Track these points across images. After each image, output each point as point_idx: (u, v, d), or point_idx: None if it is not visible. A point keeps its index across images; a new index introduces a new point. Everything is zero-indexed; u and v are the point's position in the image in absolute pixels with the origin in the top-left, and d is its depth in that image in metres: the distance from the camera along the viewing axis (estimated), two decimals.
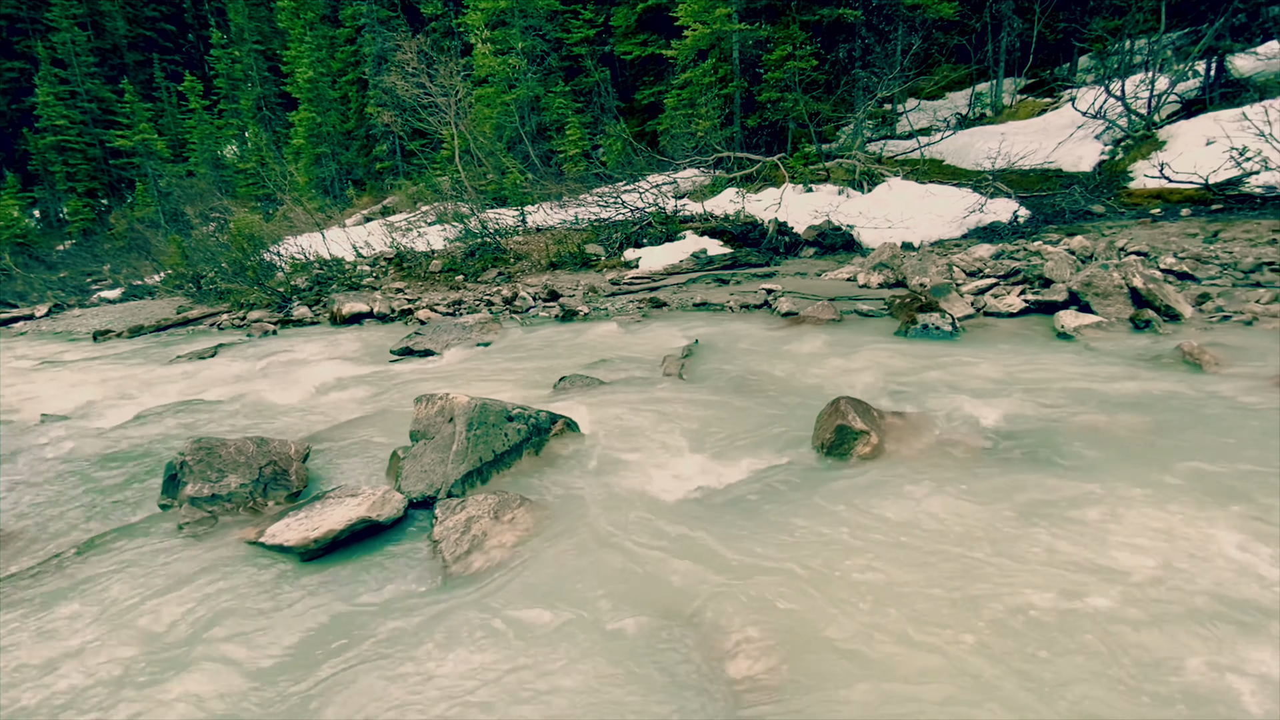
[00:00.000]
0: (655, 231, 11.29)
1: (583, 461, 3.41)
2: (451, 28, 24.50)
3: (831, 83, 14.42)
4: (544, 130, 19.79)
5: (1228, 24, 11.45)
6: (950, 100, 17.55)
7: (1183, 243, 7.42)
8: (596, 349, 6.36)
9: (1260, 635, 1.96)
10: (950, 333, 5.80)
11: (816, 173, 12.30)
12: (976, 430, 3.55)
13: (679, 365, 5.41)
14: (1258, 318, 5.19)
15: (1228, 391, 3.85)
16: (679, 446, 3.68)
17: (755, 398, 4.61)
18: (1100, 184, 10.54)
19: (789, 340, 6.09)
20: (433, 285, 11.09)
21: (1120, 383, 4.13)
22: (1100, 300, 5.68)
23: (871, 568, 2.38)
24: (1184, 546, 2.33)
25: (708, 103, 13.91)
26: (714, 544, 2.61)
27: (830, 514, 2.74)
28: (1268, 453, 3.02)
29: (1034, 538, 2.48)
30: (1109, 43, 13.66)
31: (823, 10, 13.27)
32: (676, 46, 14.54)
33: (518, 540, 2.72)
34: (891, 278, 7.94)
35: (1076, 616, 2.09)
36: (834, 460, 3.30)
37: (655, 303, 8.20)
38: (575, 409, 4.31)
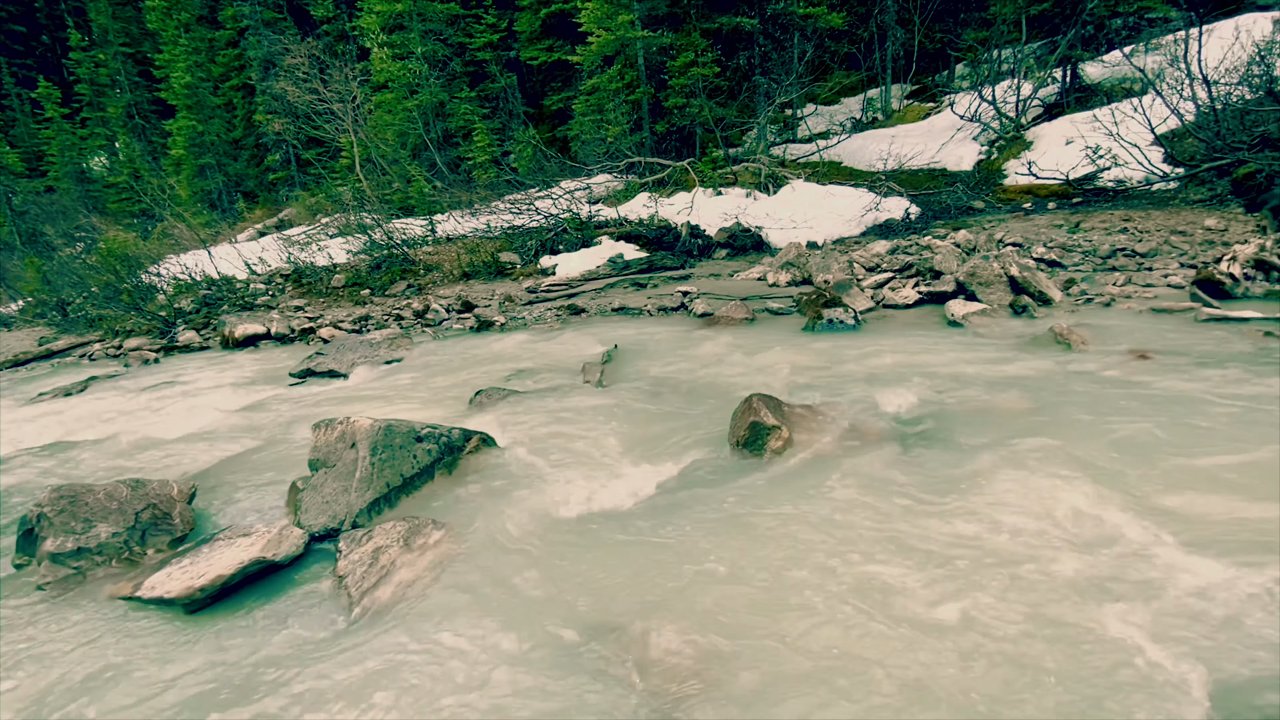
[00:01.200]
0: (571, 237, 11.22)
1: (500, 478, 3.30)
2: (345, 31, 23.41)
3: (734, 89, 14.87)
4: (450, 137, 19.25)
5: (1078, 36, 12.75)
6: (845, 105, 18.55)
7: (1051, 233, 8.16)
8: (514, 359, 6.22)
9: (1121, 598, 2.15)
10: (853, 326, 6.08)
11: (725, 176, 12.64)
12: (877, 417, 3.72)
13: (598, 372, 5.37)
14: (1115, 299, 5.77)
15: (1093, 367, 4.25)
16: (599, 454, 3.64)
17: (675, 400, 4.64)
18: (979, 181, 11.44)
19: (706, 341, 6.19)
20: (336, 301, 10.51)
21: (1003, 365, 4.47)
22: (984, 289, 6.13)
23: (783, 561, 2.43)
24: (1058, 515, 2.53)
25: (616, 108, 14.00)
26: (635, 551, 2.59)
27: (746, 511, 2.79)
28: (1128, 420, 3.34)
29: (927, 517, 2.62)
30: (979, 52, 14.87)
31: (721, 19, 13.67)
32: (582, 52, 14.54)
33: (431, 567, 2.59)
34: (798, 276, 8.25)
35: (963, 592, 2.21)
36: (749, 456, 3.36)
37: (574, 309, 8.13)
38: (492, 423, 4.18)
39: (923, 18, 17.26)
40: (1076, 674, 1.88)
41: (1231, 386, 3.63)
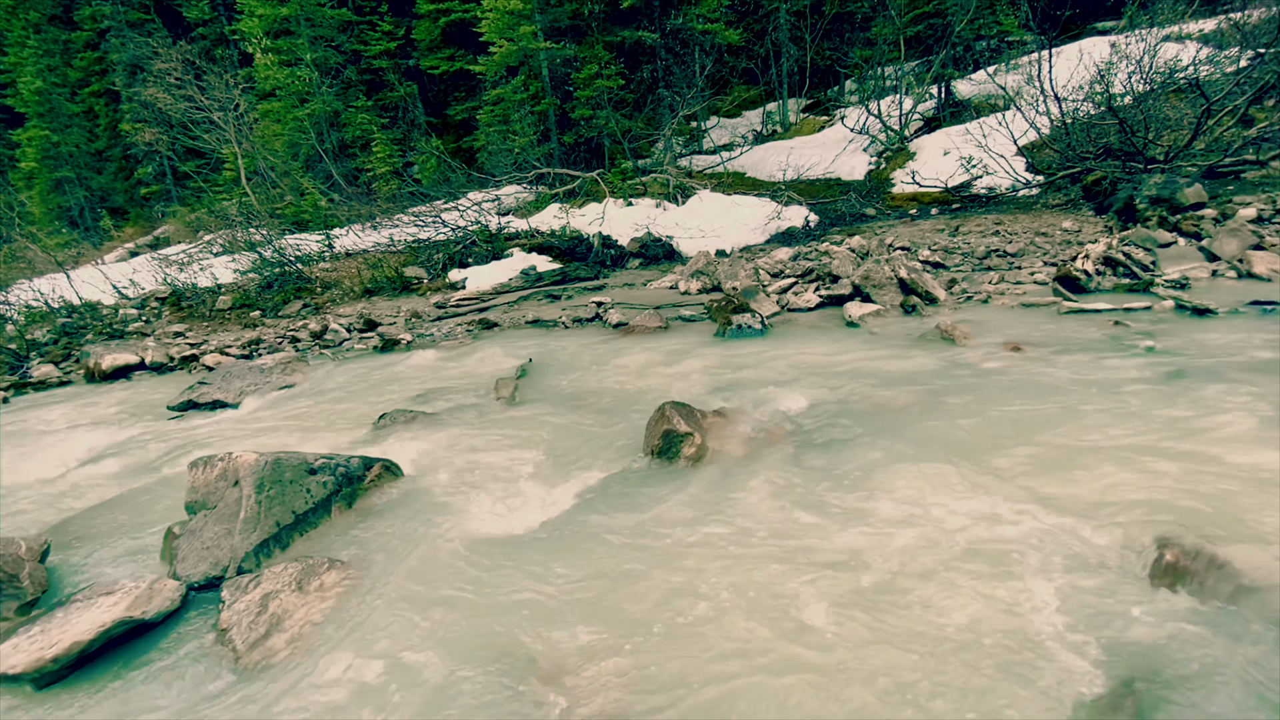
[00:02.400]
0: (481, 250, 10.94)
1: (405, 507, 3.13)
2: (224, 35, 21.83)
3: (639, 101, 15.10)
4: (347, 147, 18.35)
5: (949, 56, 13.90)
6: (746, 118, 19.27)
7: (934, 237, 8.80)
8: (422, 379, 5.97)
9: (1006, 574, 2.32)
10: (761, 330, 6.28)
11: (635, 187, 12.78)
12: (784, 419, 3.85)
13: (512, 387, 5.24)
14: (991, 296, 6.29)
15: (974, 360, 4.59)
16: (513, 474, 3.54)
17: (591, 412, 4.60)
18: (871, 190, 12.19)
19: (621, 351, 6.19)
20: (222, 325, 9.70)
21: (896, 362, 4.75)
22: (877, 291, 6.51)
23: (696, 572, 2.44)
24: (946, 501, 2.71)
25: (522, 119, 13.85)
26: (549, 573, 2.52)
27: (660, 523, 2.79)
28: (1006, 406, 3.63)
29: (829, 517, 2.73)
30: (865, 69, 15.90)
31: (624, 32, 13.86)
32: (484, 63, 14.30)
33: (328, 610, 2.40)
34: (708, 283, 8.45)
35: (864, 590, 2.31)
36: (664, 465, 3.38)
37: (486, 324, 7.91)
38: (397, 448, 3.97)
39: (813, 36, 18.26)
40: (980, 658, 1.99)
41: (1087, 371, 4.03)
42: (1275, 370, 3.73)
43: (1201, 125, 8.34)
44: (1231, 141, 8.52)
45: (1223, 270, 6.02)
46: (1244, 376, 3.68)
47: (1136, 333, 4.73)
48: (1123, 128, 8.71)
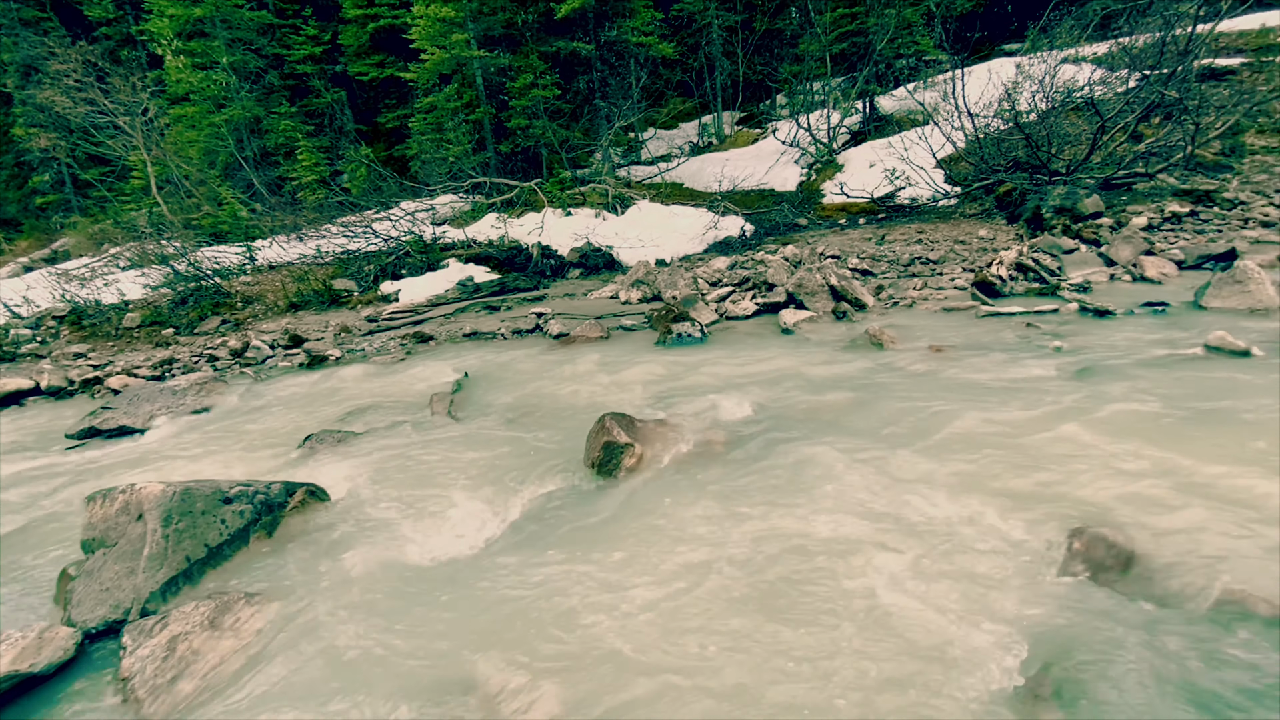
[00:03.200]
0: (415, 261, 10.63)
1: (332, 534, 2.97)
2: (131, 35, 20.51)
3: (576, 111, 15.09)
4: (270, 155, 17.52)
5: (872, 73, 14.57)
6: (683, 130, 19.59)
7: (863, 246, 9.16)
8: (353, 396, 5.71)
9: (931, 568, 2.40)
10: (701, 338, 6.35)
11: (573, 197, 12.73)
12: (723, 426, 3.89)
13: (448, 403, 5.09)
14: (915, 301, 6.58)
15: (902, 363, 4.78)
16: (448, 493, 3.42)
17: (531, 425, 4.52)
18: (803, 201, 12.59)
19: (562, 362, 6.12)
20: (130, 344, 9.03)
21: (828, 366, 4.89)
22: (810, 298, 6.71)
23: (636, 585, 2.42)
24: (877, 496, 2.79)
25: (456, 128, 13.59)
26: (483, 597, 2.43)
27: (600, 534, 2.75)
28: (930, 407, 3.79)
29: (765, 521, 2.76)
30: (794, 84, 16.45)
31: (559, 42, 13.84)
32: (415, 70, 13.97)
33: (244, 649, 2.24)
34: (649, 292, 8.49)
35: (795, 581, 2.35)
36: (604, 477, 3.34)
37: (421, 337, 7.67)
38: (324, 472, 3.78)
39: (745, 51, 18.78)
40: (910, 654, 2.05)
41: (1003, 371, 4.27)
42: (1167, 366, 4.05)
43: (1097, 141, 9.04)
44: (1124, 156, 9.27)
45: (1119, 274, 6.51)
46: (1141, 373, 3.98)
47: (1046, 333, 5.05)
48: (1029, 142, 9.34)
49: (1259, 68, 11.36)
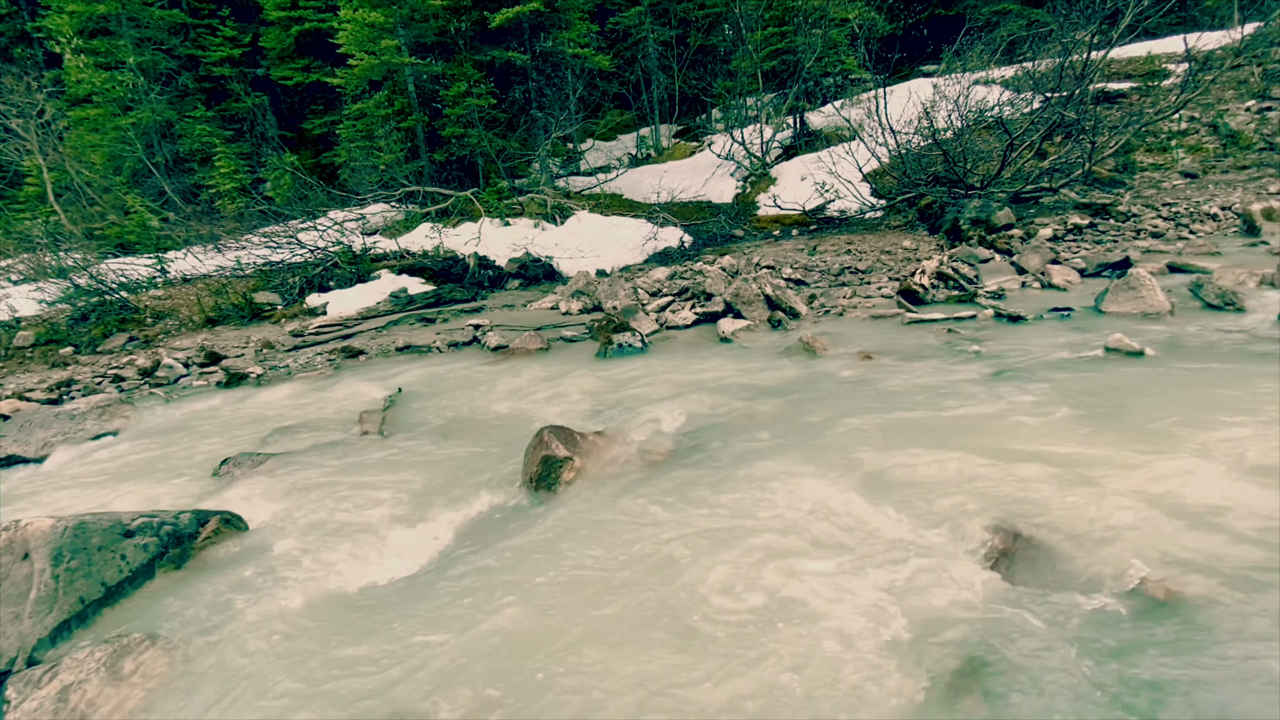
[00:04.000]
0: (344, 272, 10.22)
1: (248, 565, 2.78)
2: (26, 32, 19.00)
3: (513, 121, 14.96)
4: (183, 161, 16.53)
5: (802, 90, 15.12)
6: (621, 142, 19.74)
7: (796, 256, 9.45)
8: (276, 416, 5.41)
9: (859, 569, 2.47)
10: (642, 348, 6.36)
11: (511, 207, 12.58)
12: (663, 436, 3.90)
13: (379, 420, 4.90)
14: (845, 310, 6.83)
15: (833, 369, 4.94)
16: (378, 516, 3.27)
17: (467, 441, 4.40)
18: (739, 212, 12.89)
19: (500, 375, 6.00)
20: (23, 365, 8.26)
21: (764, 374, 5.00)
22: (747, 307, 6.85)
23: (576, 604, 2.38)
24: (809, 500, 2.85)
25: (387, 135, 13.21)
26: (414, 627, 2.33)
27: (539, 555, 2.69)
28: (860, 411, 3.92)
29: (706, 531, 2.78)
30: (727, 99, 16.87)
31: (493, 51, 13.70)
32: (343, 75, 13.51)
33: (146, 698, 2.05)
34: (589, 303, 8.46)
35: (731, 588, 2.37)
36: (542, 492, 3.28)
37: (350, 352, 7.36)
38: (242, 498, 3.55)
39: (680, 65, 19.14)
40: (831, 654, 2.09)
41: (927, 375, 4.47)
42: (1073, 367, 4.34)
43: (1007, 157, 9.67)
44: (1031, 171, 9.95)
45: (1030, 282, 6.96)
46: (1050, 374, 4.24)
47: (965, 339, 5.33)
48: (946, 158, 9.89)
49: (1146, 91, 12.47)
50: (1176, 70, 12.59)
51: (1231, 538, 2.48)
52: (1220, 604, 2.19)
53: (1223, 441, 3.10)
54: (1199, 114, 11.45)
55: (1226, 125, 10.96)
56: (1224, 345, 4.47)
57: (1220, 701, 1.81)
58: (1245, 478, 2.82)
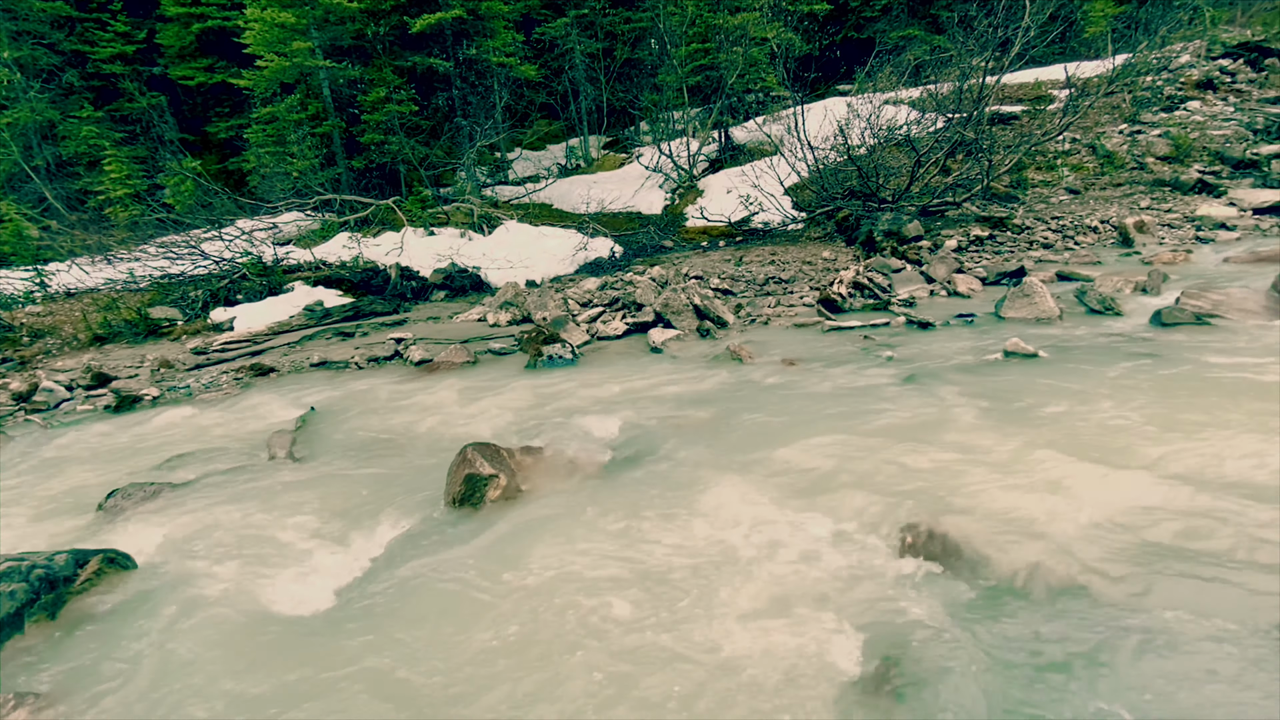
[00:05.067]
0: (253, 285, 9.63)
1: (135, 608, 2.54)
2: None
3: (436, 129, 14.60)
4: (68, 165, 15.14)
5: (726, 105, 15.55)
6: (551, 152, 19.63)
7: (723, 267, 9.66)
8: (173, 442, 5.00)
9: (781, 571, 2.53)
10: (572, 360, 6.31)
11: (436, 216, 12.24)
12: (594, 449, 3.87)
13: (290, 441, 4.61)
14: (770, 318, 7.03)
15: (759, 376, 5.06)
16: (287, 547, 3.07)
17: (387, 462, 4.21)
18: (668, 223, 13.07)
19: (424, 390, 5.80)
20: None
21: (694, 383, 5.06)
22: (677, 317, 6.93)
23: (500, 626, 2.31)
24: (734, 504, 2.90)
25: (301, 140, 12.58)
26: (326, 663, 2.19)
27: (457, 578, 2.59)
28: (784, 416, 4.04)
29: (635, 544, 2.77)
30: (654, 112, 17.12)
31: (414, 57, 13.34)
32: (251, 77, 12.79)
33: None
34: (518, 314, 8.33)
35: (658, 596, 2.37)
36: (467, 512, 3.18)
37: (259, 369, 6.92)
38: (131, 534, 3.25)
39: (607, 78, 19.27)
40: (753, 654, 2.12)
41: (845, 379, 4.66)
42: (976, 370, 4.63)
43: (915, 173, 10.28)
44: (937, 186, 10.61)
45: (938, 290, 7.40)
46: (956, 376, 4.51)
47: (880, 345, 5.59)
48: (860, 173, 10.40)
49: (1034, 115, 13.58)
50: (1060, 96, 13.79)
51: (1120, 524, 2.70)
52: (1113, 587, 2.37)
53: (1108, 435, 3.39)
54: (1080, 136, 12.58)
55: (1103, 146, 12.09)
56: (1105, 347, 4.90)
57: (1118, 679, 1.95)
58: (1130, 468, 3.08)
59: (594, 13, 18.79)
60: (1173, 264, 7.23)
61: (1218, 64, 13.70)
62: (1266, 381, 3.79)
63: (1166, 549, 2.53)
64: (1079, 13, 16.52)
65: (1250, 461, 3.01)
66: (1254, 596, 2.23)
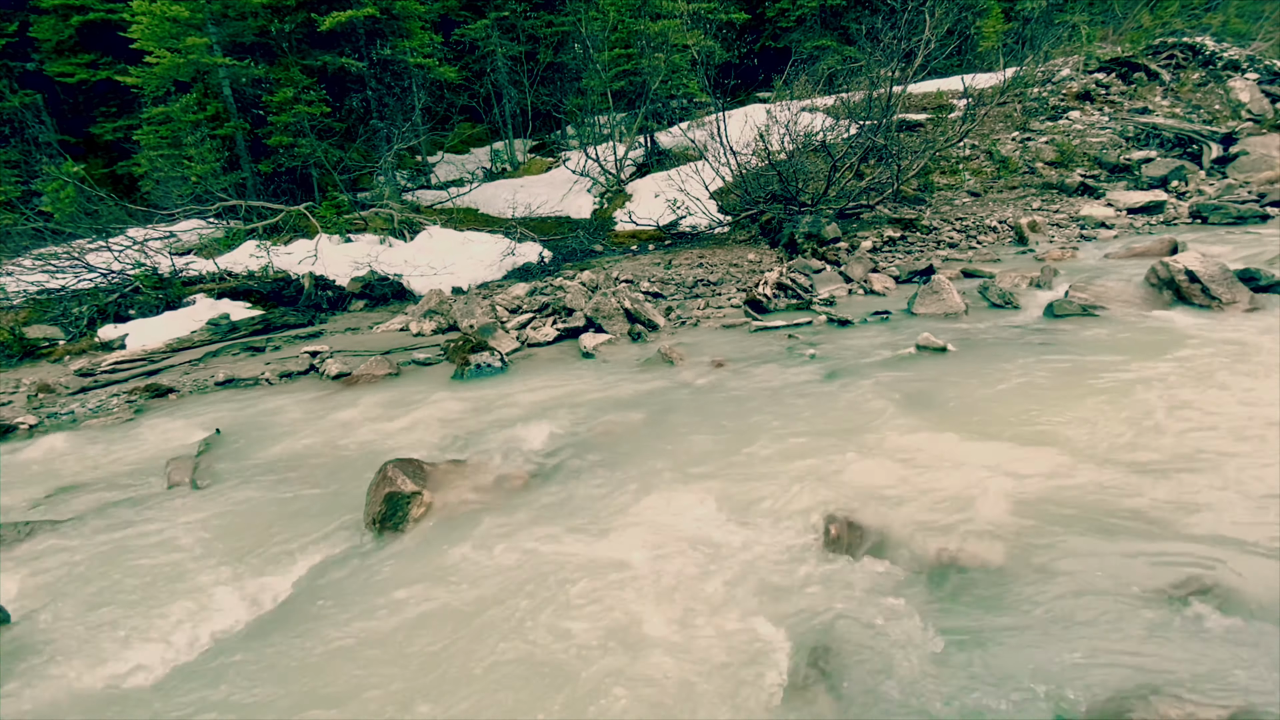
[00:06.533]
0: (148, 299, 8.88)
1: (3, 672, 2.26)
2: None
3: (351, 131, 13.98)
4: None
5: (650, 111, 15.68)
6: (475, 155, 19.20)
7: (653, 270, 9.73)
8: (54, 474, 4.53)
9: (710, 569, 2.55)
10: (501, 368, 6.16)
11: (353, 222, 11.70)
12: (524, 459, 3.79)
13: (191, 468, 4.27)
14: (700, 320, 7.12)
15: (689, 378, 5.11)
16: (185, 585, 2.82)
17: (301, 485, 3.96)
18: (597, 227, 13.03)
19: (342, 405, 5.51)
20: None
21: (625, 386, 5.06)
22: (608, 321, 6.91)
23: (425, 652, 2.20)
24: (663, 505, 2.91)
25: (199, 143, 11.74)
26: (230, 709, 2.02)
27: (383, 604, 2.46)
28: (713, 416, 4.09)
29: (563, 557, 2.72)
30: (579, 116, 17.07)
31: (324, 57, 12.72)
32: (140, 74, 11.83)
33: None
34: (444, 323, 8.07)
35: (588, 606, 2.34)
36: (389, 534, 3.03)
37: (156, 390, 6.38)
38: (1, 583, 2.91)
39: (531, 81, 19.04)
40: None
41: (771, 378, 4.78)
42: (891, 364, 4.85)
43: (832, 177, 10.71)
44: (852, 190, 11.09)
45: (856, 289, 7.72)
46: (873, 371, 4.71)
47: (803, 343, 5.77)
48: (781, 178, 10.73)
49: (937, 122, 14.44)
50: (959, 105, 14.74)
51: (1025, 502, 2.87)
52: (1021, 562, 2.52)
53: (1010, 421, 3.62)
54: (978, 142, 13.47)
55: (999, 152, 13.01)
56: (1006, 338, 5.24)
57: (1026, 652, 2.06)
58: (1028, 447, 3.30)
59: (515, 15, 18.54)
60: (1061, 260, 7.85)
61: (1094, 77, 15.02)
62: (1141, 365, 4.17)
63: (1066, 520, 2.72)
64: (973, 28, 17.73)
65: (1129, 436, 3.29)
66: (1149, 562, 2.42)
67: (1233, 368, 3.99)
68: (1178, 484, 2.87)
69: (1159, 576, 2.33)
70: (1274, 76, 14.08)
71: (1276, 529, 2.52)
